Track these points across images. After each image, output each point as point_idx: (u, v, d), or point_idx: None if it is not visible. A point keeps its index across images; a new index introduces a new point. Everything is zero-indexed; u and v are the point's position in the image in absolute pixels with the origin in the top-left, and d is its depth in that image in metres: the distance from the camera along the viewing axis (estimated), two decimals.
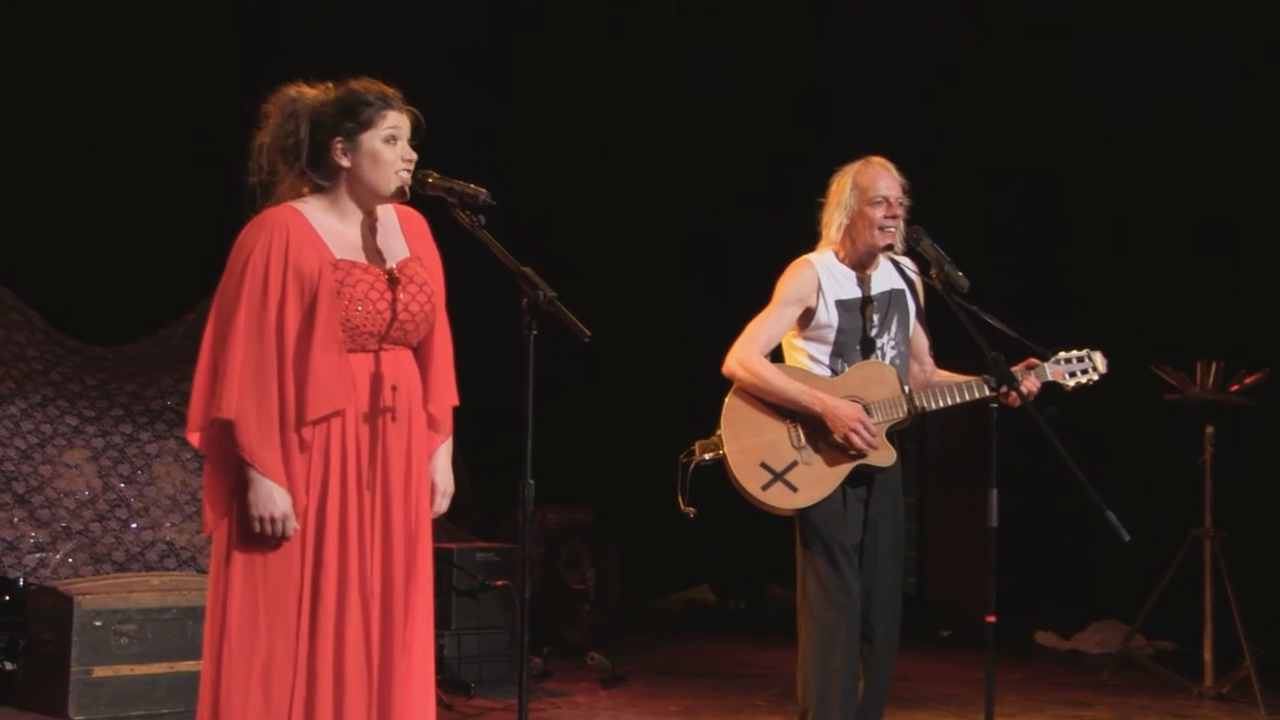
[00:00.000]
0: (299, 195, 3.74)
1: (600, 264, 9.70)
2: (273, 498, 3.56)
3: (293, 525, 3.59)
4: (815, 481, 4.71)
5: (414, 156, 3.73)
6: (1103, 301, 8.86)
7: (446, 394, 3.83)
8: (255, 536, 3.59)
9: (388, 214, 3.82)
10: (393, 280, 3.71)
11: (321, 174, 3.73)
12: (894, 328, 4.84)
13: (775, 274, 4.84)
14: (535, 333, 3.50)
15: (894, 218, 4.74)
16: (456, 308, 3.90)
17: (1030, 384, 4.77)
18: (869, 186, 4.75)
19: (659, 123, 10.01)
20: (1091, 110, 8.96)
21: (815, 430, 4.73)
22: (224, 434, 3.60)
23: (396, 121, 3.72)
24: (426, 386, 3.79)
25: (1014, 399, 4.58)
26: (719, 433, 4.77)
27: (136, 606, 5.85)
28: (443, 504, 3.86)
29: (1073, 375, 4.84)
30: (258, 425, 3.56)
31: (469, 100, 8.74)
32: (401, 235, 3.82)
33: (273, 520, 3.57)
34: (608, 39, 9.62)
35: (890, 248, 4.78)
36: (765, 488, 4.71)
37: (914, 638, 5.03)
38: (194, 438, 3.66)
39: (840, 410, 4.68)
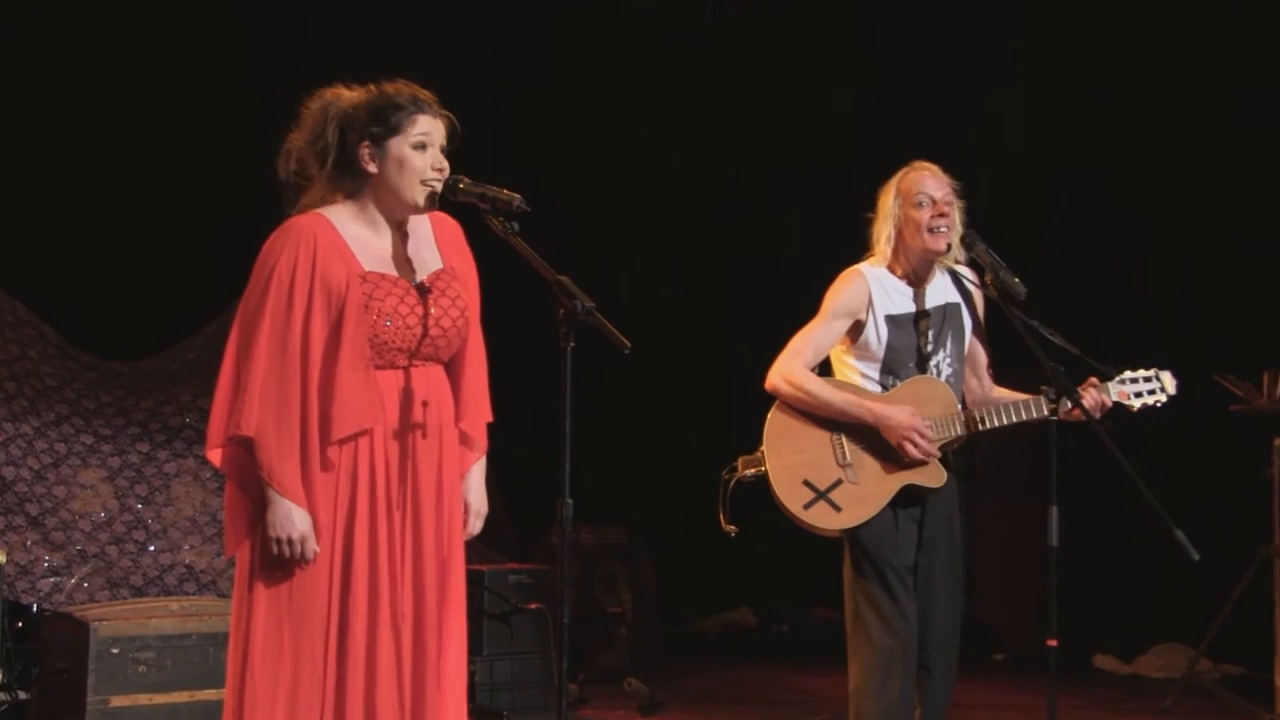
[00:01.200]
0: (329, 202, 3.73)
1: (640, 272, 9.67)
2: (291, 518, 3.55)
3: (312, 547, 3.58)
4: (860, 501, 4.67)
5: (445, 165, 3.70)
6: (1164, 306, 8.79)
7: (480, 410, 3.81)
8: (279, 559, 3.58)
9: (421, 221, 3.80)
10: (423, 293, 3.69)
11: (349, 179, 3.72)
12: (949, 344, 4.80)
13: (825, 281, 4.81)
14: (573, 344, 3.48)
15: (942, 216, 4.69)
16: (490, 318, 3.88)
17: (1101, 397, 4.71)
18: (911, 190, 4.72)
19: (700, 125, 9.98)
20: (1154, 105, 8.90)
21: (863, 446, 4.69)
22: (245, 452, 3.60)
23: (428, 127, 3.70)
24: (459, 402, 3.77)
25: (1075, 413, 4.53)
26: (761, 449, 4.75)
27: (155, 633, 5.85)
28: (476, 525, 3.85)
29: (1139, 396, 4.78)
30: (278, 443, 3.56)
31: (501, 102, 8.74)
32: (435, 245, 3.80)
33: (290, 542, 3.56)
34: (643, 36, 9.60)
35: (945, 251, 4.73)
36: (807, 506, 4.68)
37: (966, 662, 4.99)
38: (214, 455, 3.66)
39: (893, 417, 4.64)
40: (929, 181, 4.74)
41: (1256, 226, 8.57)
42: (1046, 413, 4.54)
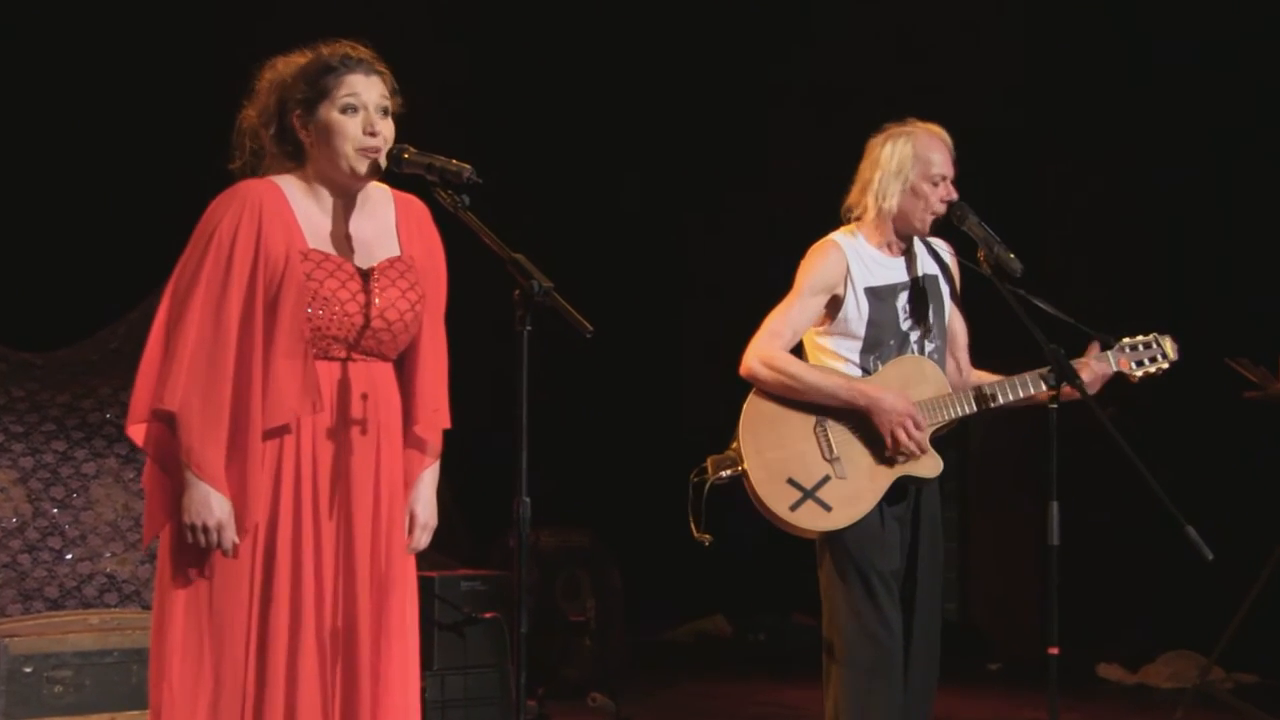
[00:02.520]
0: (280, 173, 3.71)
1: (604, 251, 9.66)
2: (209, 503, 3.51)
3: (230, 537, 3.53)
4: (851, 498, 4.64)
5: (380, 128, 3.66)
6: (1172, 286, 8.82)
7: (437, 414, 3.77)
8: (199, 554, 3.54)
9: (382, 204, 3.78)
10: (368, 280, 3.66)
11: (290, 151, 3.70)
12: (931, 318, 4.79)
13: (801, 260, 4.78)
14: (529, 328, 3.45)
15: (946, 203, 4.69)
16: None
17: (1101, 368, 4.72)
18: (930, 160, 4.69)
19: (665, 93, 9.97)
20: (1163, 67, 8.92)
21: (850, 436, 4.66)
22: (169, 430, 3.56)
23: (358, 88, 3.66)
24: (413, 403, 3.73)
25: (1073, 393, 4.54)
26: (735, 444, 4.69)
27: (73, 649, 5.80)
28: (422, 539, 3.80)
29: (1140, 365, 4.81)
30: (202, 421, 3.51)
31: (455, 66, 8.71)
32: (395, 230, 3.77)
33: (206, 529, 3.51)
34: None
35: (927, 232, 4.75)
36: (794, 507, 4.64)
37: (957, 672, 5.01)
38: (136, 431, 3.61)
39: (886, 402, 4.62)
40: (944, 154, 4.71)
41: (1270, 201, 8.60)
42: (1045, 390, 4.54)
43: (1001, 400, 4.71)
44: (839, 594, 4.68)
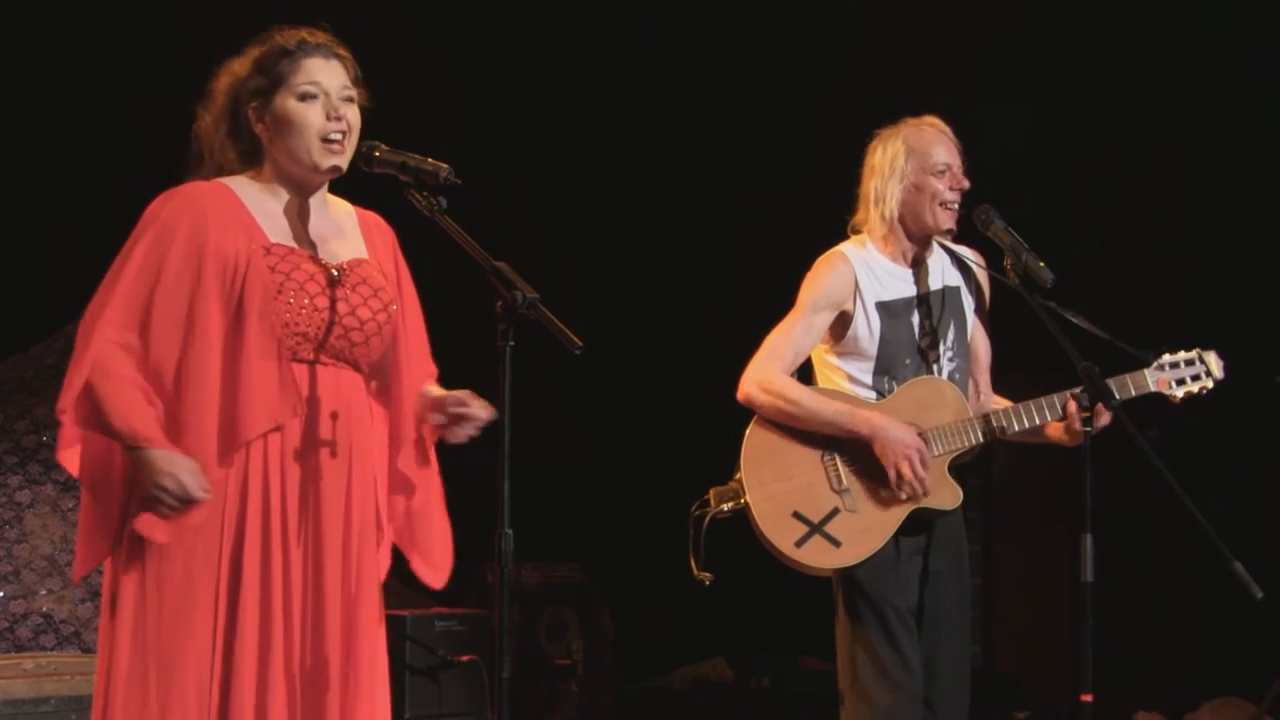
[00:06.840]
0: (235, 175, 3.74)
1: (594, 259, 9.67)
2: (173, 461, 3.44)
3: (203, 482, 3.45)
4: (862, 533, 4.67)
5: (345, 113, 3.69)
6: (1217, 296, 8.84)
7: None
8: (144, 581, 3.52)
9: (341, 209, 3.83)
10: (335, 277, 3.68)
11: (245, 151, 3.73)
12: (950, 334, 4.81)
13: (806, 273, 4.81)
14: (512, 344, 3.48)
15: (958, 192, 4.72)
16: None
17: (1075, 433, 4.69)
18: (927, 152, 4.73)
19: (666, 78, 9.98)
20: (1210, 57, 8.94)
21: (861, 466, 4.68)
22: (103, 441, 3.53)
23: (316, 73, 3.68)
24: (397, 431, 3.76)
25: (1103, 419, 4.56)
26: (739, 475, 4.72)
27: (4, 697, 5.80)
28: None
29: (1181, 383, 4.82)
30: (125, 398, 3.47)
31: (436, 52, 8.72)
32: (361, 239, 3.81)
33: (179, 484, 3.43)
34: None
35: (949, 233, 4.76)
36: (800, 543, 4.66)
37: None
38: (68, 457, 3.59)
39: (891, 434, 4.63)
40: (945, 145, 4.77)
41: None
42: (1080, 423, 4.53)
43: (1014, 428, 4.73)
44: (853, 634, 4.71)
